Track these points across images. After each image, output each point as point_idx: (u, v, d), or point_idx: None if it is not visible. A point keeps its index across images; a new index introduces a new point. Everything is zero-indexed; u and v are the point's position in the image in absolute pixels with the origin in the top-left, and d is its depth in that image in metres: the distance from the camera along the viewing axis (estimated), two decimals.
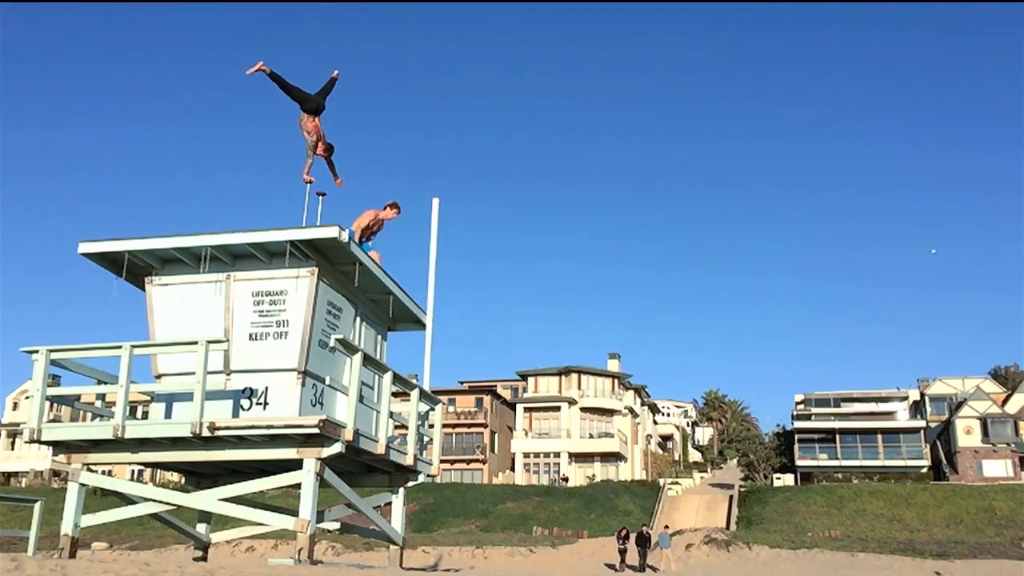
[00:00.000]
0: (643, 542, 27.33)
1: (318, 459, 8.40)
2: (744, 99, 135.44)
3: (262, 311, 9.33)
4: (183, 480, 10.86)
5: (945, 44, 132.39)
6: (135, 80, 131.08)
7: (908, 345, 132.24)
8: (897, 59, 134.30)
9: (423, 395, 10.35)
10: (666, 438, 76.63)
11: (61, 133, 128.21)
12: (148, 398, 9.81)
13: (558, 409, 55.52)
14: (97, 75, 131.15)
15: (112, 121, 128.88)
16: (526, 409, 56.42)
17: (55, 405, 10.73)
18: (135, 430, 8.78)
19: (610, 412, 56.65)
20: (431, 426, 11.12)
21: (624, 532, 27.89)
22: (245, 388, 9.11)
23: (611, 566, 27.83)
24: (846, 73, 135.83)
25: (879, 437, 54.80)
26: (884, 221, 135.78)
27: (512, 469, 55.42)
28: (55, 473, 51.47)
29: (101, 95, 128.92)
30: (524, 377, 58.60)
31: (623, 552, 27.12)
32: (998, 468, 50.41)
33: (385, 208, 10.35)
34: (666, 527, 30.74)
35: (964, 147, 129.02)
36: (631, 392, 61.07)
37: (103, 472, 10.73)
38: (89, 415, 10.04)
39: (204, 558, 10.25)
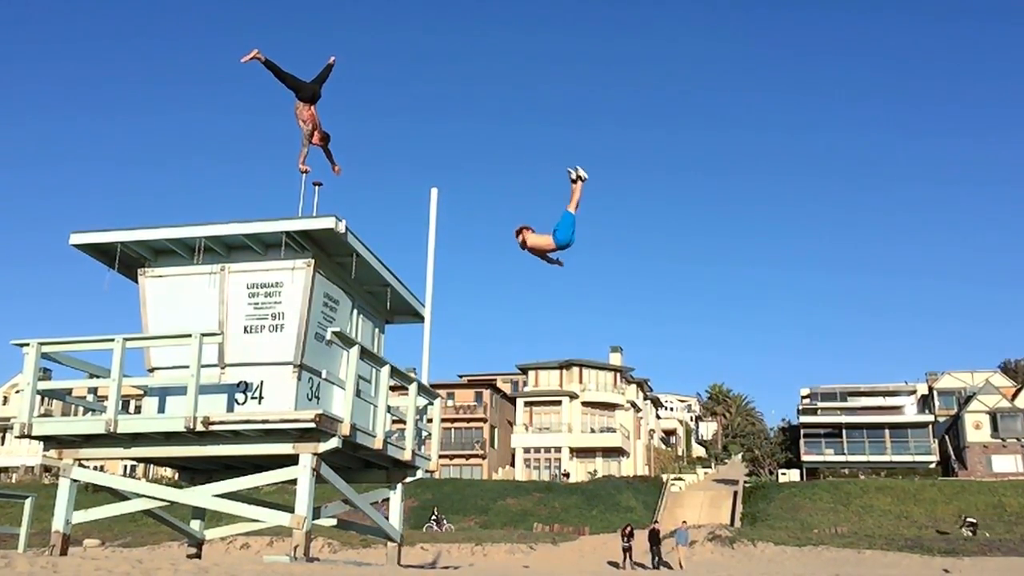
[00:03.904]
0: (654, 540, 26.83)
1: (314, 454, 8.28)
2: (750, 88, 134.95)
3: (257, 303, 9.22)
4: (177, 476, 10.78)
5: (954, 33, 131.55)
6: (127, 69, 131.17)
7: (916, 338, 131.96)
8: (907, 49, 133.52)
9: (421, 389, 10.22)
10: (669, 433, 76.45)
11: (52, 123, 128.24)
12: (141, 392, 9.71)
13: (559, 403, 55.32)
14: (88, 64, 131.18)
15: (104, 111, 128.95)
16: (526, 403, 56.22)
17: (46, 399, 10.60)
18: (128, 425, 8.68)
19: (612, 406, 56.44)
20: (429, 421, 10.99)
21: (628, 529, 27.49)
22: (240, 382, 9.01)
23: (614, 564, 27.62)
24: (856, 63, 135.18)
25: (886, 432, 54.52)
26: (892, 213, 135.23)
27: (512, 464, 55.25)
28: (46, 469, 51.08)
29: (92, 84, 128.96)
30: (524, 371, 58.35)
31: (627, 550, 26.73)
32: (1008, 463, 50.10)
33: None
34: (684, 523, 30.54)
35: (972, 138, 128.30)
36: (633, 386, 60.83)
37: (95, 468, 10.56)
38: (81, 409, 9.91)
39: (198, 555, 10.14)
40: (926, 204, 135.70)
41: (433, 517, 36.49)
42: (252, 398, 8.96)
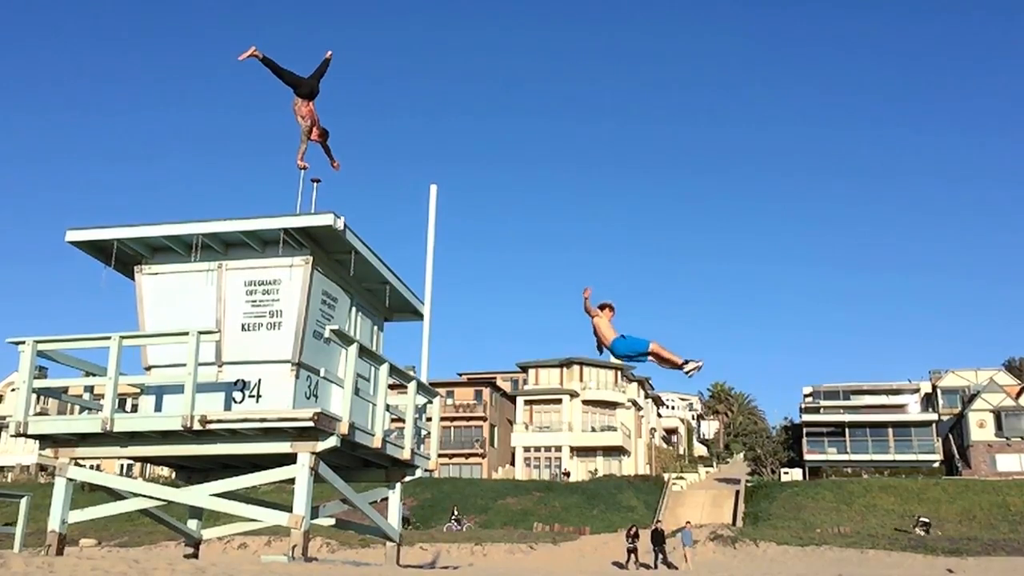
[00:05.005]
0: (658, 540, 26.61)
1: (312, 453, 8.22)
2: (752, 83, 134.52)
3: (255, 301, 9.16)
4: (174, 475, 10.71)
5: (961, 26, 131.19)
6: (125, 65, 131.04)
7: (920, 336, 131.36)
8: (913, 43, 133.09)
9: (420, 387, 10.14)
10: (670, 431, 76.33)
11: (48, 119, 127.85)
12: (138, 391, 9.63)
13: (559, 402, 55.20)
14: (85, 60, 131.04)
15: (102, 107, 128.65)
16: (526, 402, 56.11)
17: (42, 398, 10.56)
18: (124, 423, 8.62)
19: (613, 405, 56.32)
20: (429, 419, 10.93)
21: (634, 530, 27.20)
22: (237, 380, 8.95)
23: (619, 564, 27.45)
24: (860, 58, 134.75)
25: (890, 431, 54.37)
26: (894, 210, 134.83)
27: (512, 463, 55.13)
28: (42, 468, 50.42)
29: (90, 80, 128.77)
30: (524, 369, 58.20)
31: (633, 551, 26.50)
32: (1012, 462, 49.90)
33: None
34: (688, 522, 30.38)
35: (976, 134, 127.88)
36: (634, 384, 60.70)
37: (91, 467, 10.51)
38: (77, 408, 9.84)
39: (195, 555, 10.08)
40: (929, 201, 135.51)
41: (453, 517, 36.39)
42: (250, 396, 8.89)
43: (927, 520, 35.48)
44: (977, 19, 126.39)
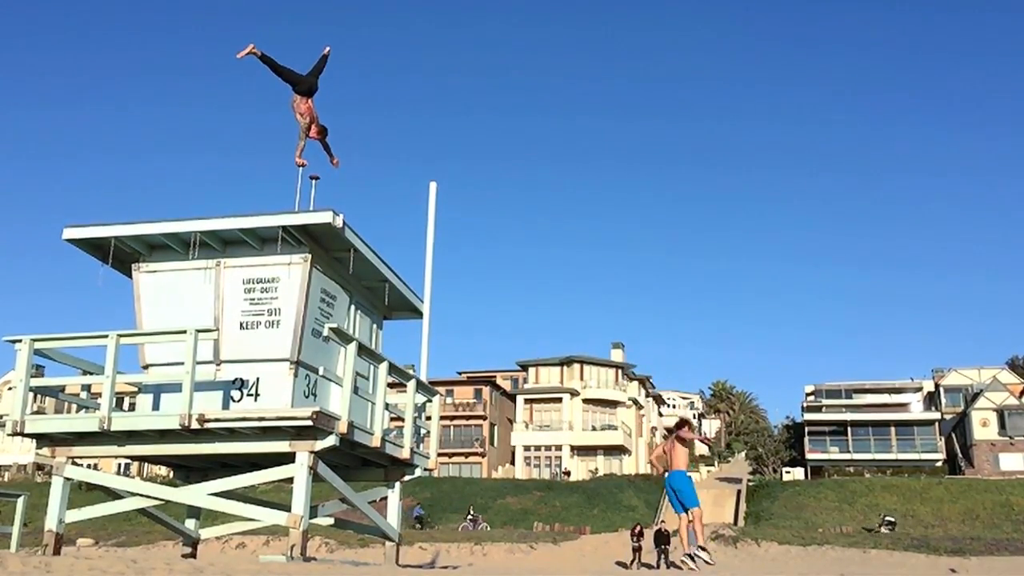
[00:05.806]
0: (662, 540, 26.54)
1: (311, 452, 8.16)
2: (753, 80, 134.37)
3: (253, 299, 9.10)
4: (171, 474, 10.64)
5: (963, 21, 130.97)
6: (123, 62, 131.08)
7: (922, 334, 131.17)
8: (915, 38, 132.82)
9: (420, 386, 10.08)
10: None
11: (46, 116, 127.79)
12: (135, 389, 9.57)
13: (560, 400, 55.16)
14: (82, 55, 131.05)
15: (99, 104, 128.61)
16: (527, 400, 56.08)
17: (39, 397, 10.52)
18: (122, 422, 8.56)
19: (613, 404, 56.28)
20: (428, 418, 10.87)
21: (638, 529, 27.27)
22: (236, 379, 8.88)
23: (622, 564, 27.40)
24: (861, 53, 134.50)
25: (892, 430, 54.36)
26: (898, 206, 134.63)
27: (512, 463, 55.12)
28: (39, 467, 50.55)
29: (88, 77, 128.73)
30: (524, 367, 58.17)
31: (637, 550, 26.46)
32: (1015, 462, 49.87)
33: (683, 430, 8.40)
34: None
35: (977, 130, 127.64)
36: (635, 383, 60.66)
37: (89, 466, 10.46)
38: (74, 407, 9.80)
39: (193, 555, 10.02)
40: (931, 198, 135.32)
41: (469, 516, 36.33)
42: (248, 395, 8.83)
43: (893, 520, 35.65)
44: (980, 13, 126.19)
